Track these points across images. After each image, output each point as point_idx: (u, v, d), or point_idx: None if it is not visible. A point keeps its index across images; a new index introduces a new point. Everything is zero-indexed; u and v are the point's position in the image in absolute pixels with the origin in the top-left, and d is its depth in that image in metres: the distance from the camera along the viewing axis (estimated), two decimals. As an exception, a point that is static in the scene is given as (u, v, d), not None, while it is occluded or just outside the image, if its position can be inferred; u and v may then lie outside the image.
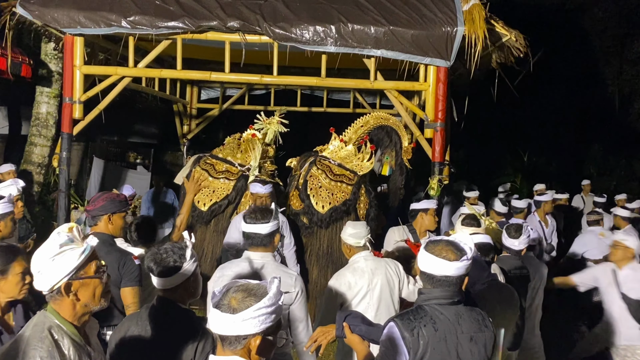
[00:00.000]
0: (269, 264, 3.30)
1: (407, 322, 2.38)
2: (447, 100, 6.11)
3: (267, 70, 6.12)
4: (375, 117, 6.68)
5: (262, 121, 6.32)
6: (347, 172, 6.01)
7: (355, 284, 3.75)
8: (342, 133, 6.44)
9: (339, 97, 9.97)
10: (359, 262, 3.85)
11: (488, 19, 5.74)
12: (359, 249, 3.90)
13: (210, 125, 10.22)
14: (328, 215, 5.74)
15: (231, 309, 1.88)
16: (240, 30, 5.66)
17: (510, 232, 4.43)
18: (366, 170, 6.16)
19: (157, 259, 2.64)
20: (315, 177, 5.91)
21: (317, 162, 6.03)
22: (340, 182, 5.89)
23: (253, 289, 1.94)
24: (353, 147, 6.29)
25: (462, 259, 2.41)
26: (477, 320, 2.47)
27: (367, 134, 6.58)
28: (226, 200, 5.73)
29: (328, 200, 5.77)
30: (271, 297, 1.90)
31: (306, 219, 5.88)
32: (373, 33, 5.61)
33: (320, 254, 5.83)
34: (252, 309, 1.86)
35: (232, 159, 6.00)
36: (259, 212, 3.34)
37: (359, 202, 5.93)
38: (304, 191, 5.87)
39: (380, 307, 3.63)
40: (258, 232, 3.29)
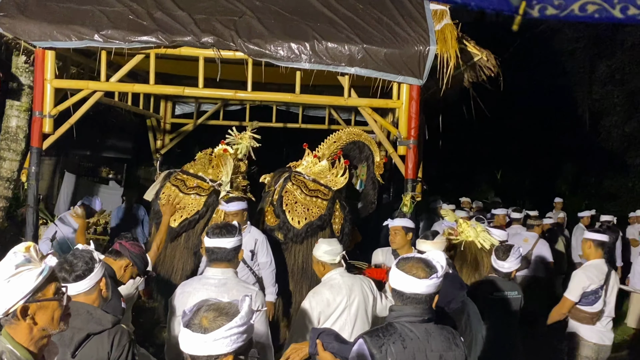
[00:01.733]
0: (230, 280, 3.27)
1: (376, 339, 2.37)
2: (420, 117, 6.16)
3: (242, 86, 6.12)
4: (347, 132, 6.72)
5: (234, 136, 6.30)
6: (321, 187, 6.01)
7: (334, 300, 3.73)
8: (315, 149, 6.45)
9: (314, 113, 10.01)
10: (335, 279, 3.83)
11: (460, 39, 5.83)
12: (333, 266, 3.89)
13: (185, 140, 10.17)
14: (304, 230, 5.72)
15: (202, 328, 1.86)
16: (214, 46, 5.66)
17: (499, 254, 4.30)
18: (340, 185, 6.17)
19: (66, 268, 2.66)
20: (291, 192, 5.89)
21: (292, 177, 6.02)
22: (316, 197, 5.88)
23: (224, 308, 1.93)
24: (327, 162, 6.29)
25: (431, 277, 2.41)
26: (447, 338, 2.47)
27: (340, 149, 6.60)
28: (197, 216, 5.67)
29: (304, 216, 5.75)
30: (242, 317, 1.89)
31: (281, 235, 5.85)
32: (347, 51, 5.65)
33: (295, 270, 5.79)
34: (224, 329, 1.84)
35: (204, 174, 5.95)
36: (223, 227, 3.33)
37: (334, 217, 5.92)
38: (279, 207, 5.84)
39: (357, 323, 3.63)
40: (221, 246, 3.26)
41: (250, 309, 1.93)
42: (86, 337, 2.56)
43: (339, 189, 6.14)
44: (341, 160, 6.35)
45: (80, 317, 2.60)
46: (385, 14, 5.88)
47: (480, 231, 4.50)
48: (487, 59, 5.94)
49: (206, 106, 9.79)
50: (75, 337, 2.55)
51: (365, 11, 5.93)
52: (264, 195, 6.21)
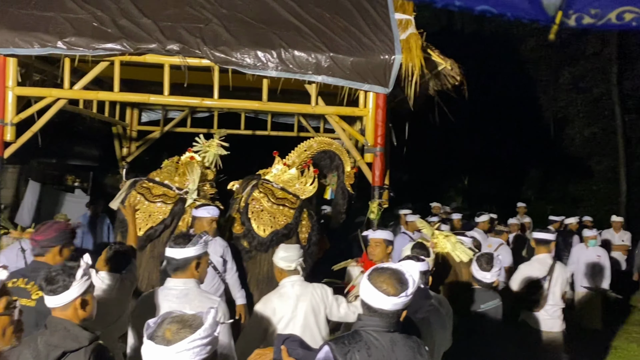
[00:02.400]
0: (191, 291, 3.25)
1: (341, 346, 2.38)
2: (387, 125, 6.22)
3: (209, 92, 6.09)
4: (318, 141, 6.73)
5: (201, 144, 6.26)
6: (289, 195, 6.01)
7: (280, 309, 3.75)
8: (285, 156, 6.45)
9: (283, 120, 10.01)
10: (285, 287, 3.86)
11: (424, 48, 5.92)
12: (289, 273, 3.90)
13: (152, 147, 10.06)
14: (269, 239, 5.71)
15: (165, 340, 1.84)
16: (180, 53, 5.63)
17: (482, 264, 4.24)
18: (309, 194, 6.18)
19: (48, 278, 2.65)
20: (257, 200, 5.88)
21: (260, 185, 6.01)
22: (282, 205, 5.88)
23: (188, 320, 1.91)
24: (296, 170, 6.30)
25: (401, 295, 2.39)
26: (412, 348, 2.49)
27: (310, 158, 6.61)
28: (162, 224, 5.61)
29: (269, 224, 5.75)
30: (206, 329, 1.88)
31: (247, 243, 5.83)
32: (314, 59, 5.68)
33: (260, 279, 5.78)
34: (187, 341, 1.83)
35: (170, 182, 5.90)
36: (181, 237, 3.31)
37: (301, 226, 5.93)
38: (245, 214, 5.83)
39: (304, 334, 3.61)
40: (184, 257, 3.24)
41: (215, 321, 1.92)
42: (62, 355, 2.52)
43: (307, 198, 6.16)
44: (310, 169, 6.36)
45: (57, 333, 2.57)
46: (352, 23, 5.94)
47: (455, 242, 4.53)
48: (452, 67, 6.04)
49: (173, 113, 9.71)
50: (51, 355, 2.52)
51: (332, 20, 5.98)
52: (232, 203, 6.19)
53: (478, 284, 4.31)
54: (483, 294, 4.26)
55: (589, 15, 1.56)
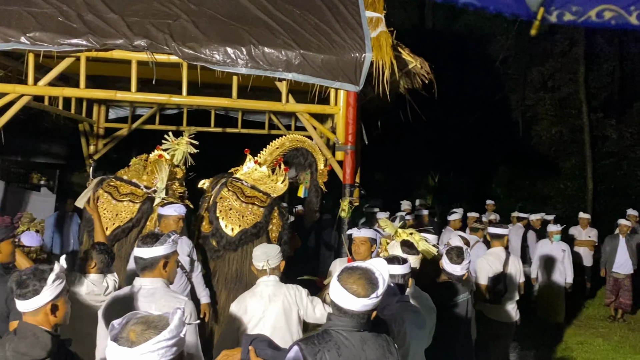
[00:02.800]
0: (158, 290, 3.21)
1: (311, 346, 2.36)
2: (358, 123, 6.22)
3: (178, 89, 5.99)
4: (291, 139, 6.69)
5: (170, 142, 6.18)
6: (259, 194, 5.96)
7: (251, 308, 3.73)
8: (257, 154, 6.40)
9: (254, 118, 9.94)
10: (259, 287, 3.85)
11: (395, 46, 5.92)
12: (266, 273, 3.87)
13: (120, 145, 9.89)
14: (237, 238, 5.65)
15: (129, 342, 1.81)
16: (147, 49, 5.54)
17: (452, 257, 4.31)
18: (280, 192, 6.14)
19: (18, 281, 2.58)
20: (226, 198, 5.82)
21: (229, 183, 5.95)
22: (252, 204, 5.82)
23: (153, 321, 1.88)
24: (267, 168, 6.25)
25: (371, 296, 2.37)
26: (382, 346, 2.48)
27: (282, 155, 6.57)
28: (130, 224, 5.52)
29: (238, 223, 5.69)
30: (172, 330, 1.84)
31: (215, 242, 5.77)
32: (284, 56, 5.64)
33: (228, 278, 5.72)
34: (151, 343, 1.80)
35: (138, 180, 5.81)
36: (148, 237, 3.27)
37: (271, 225, 5.88)
38: (213, 213, 5.76)
39: (273, 334, 3.59)
40: (153, 256, 3.19)
41: (181, 322, 1.89)
42: None
43: (278, 196, 6.12)
44: (281, 167, 6.32)
45: (26, 340, 2.51)
46: (322, 21, 5.92)
47: (419, 240, 4.55)
48: (421, 66, 6.06)
49: (141, 110, 9.56)
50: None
51: (303, 17, 5.94)
52: (202, 201, 6.13)
53: (449, 277, 4.37)
54: (455, 286, 4.32)
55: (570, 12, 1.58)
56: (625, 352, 8.07)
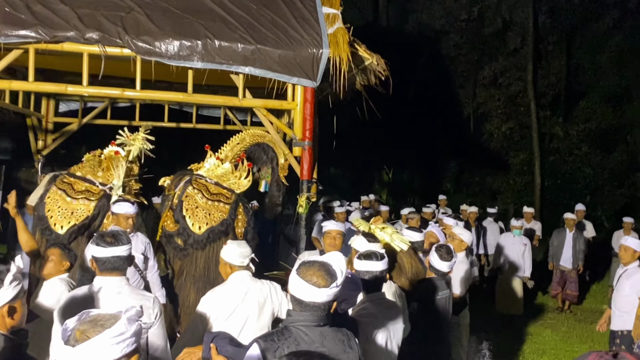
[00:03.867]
0: (124, 289, 3.14)
1: (270, 343, 2.35)
2: (315, 119, 6.23)
3: (132, 83, 5.85)
4: (251, 134, 6.64)
5: (125, 137, 6.04)
6: (224, 190, 5.89)
7: (224, 304, 3.68)
8: (217, 150, 6.33)
9: (209, 113, 9.82)
10: (234, 282, 3.79)
11: (352, 43, 5.95)
12: (240, 269, 3.83)
13: (70, 140, 9.61)
14: (205, 236, 5.58)
15: (74, 341, 1.75)
16: (99, 42, 5.40)
17: (443, 255, 4.37)
18: (244, 188, 6.09)
19: None
20: (191, 197, 5.73)
21: (193, 181, 5.86)
22: (218, 201, 5.75)
23: (102, 319, 1.82)
24: (230, 165, 6.19)
25: (331, 286, 2.39)
26: (341, 341, 2.49)
27: (243, 151, 6.51)
28: (87, 221, 5.38)
29: (205, 221, 5.62)
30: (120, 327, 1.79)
31: (181, 241, 5.67)
32: (240, 50, 5.59)
33: (196, 276, 5.64)
34: (92, 341, 1.74)
35: (93, 177, 5.66)
36: (111, 235, 3.18)
37: (237, 221, 5.84)
38: (179, 212, 5.66)
39: (244, 329, 3.57)
40: (117, 255, 3.12)
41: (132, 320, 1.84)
42: None
43: (242, 192, 6.07)
44: (244, 163, 6.27)
45: None
46: (279, 16, 5.89)
47: (392, 233, 4.57)
48: (377, 63, 6.11)
49: (93, 104, 9.30)
50: None
51: (259, 12, 5.90)
52: (163, 199, 6.02)
53: (435, 273, 4.43)
54: (438, 282, 4.39)
55: None
56: (572, 342, 8.36)
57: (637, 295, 5.61)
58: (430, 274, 4.47)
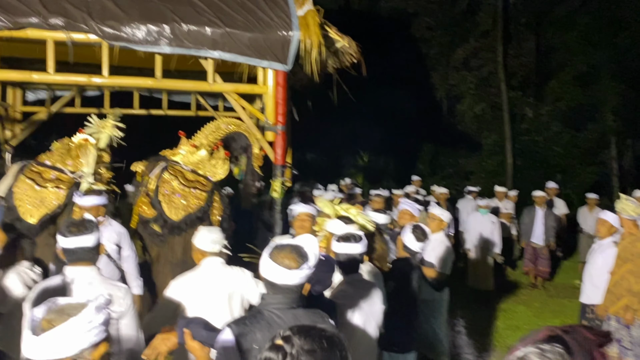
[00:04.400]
0: (95, 280, 3.10)
1: (242, 327, 2.36)
2: (287, 103, 6.19)
3: (99, 70, 5.74)
4: (226, 122, 6.59)
5: (94, 125, 5.94)
6: (201, 178, 5.86)
7: (194, 289, 3.67)
8: (191, 137, 6.26)
9: (180, 99, 9.69)
10: (204, 268, 3.78)
11: (322, 25, 5.91)
12: (211, 255, 3.82)
13: (40, 129, 9.40)
14: (182, 222, 5.56)
15: (40, 330, 1.74)
16: (64, 28, 5.28)
17: (419, 236, 4.42)
18: (220, 176, 6.06)
19: None
20: (168, 183, 5.68)
21: (170, 167, 5.80)
22: (195, 188, 5.73)
23: (69, 308, 1.81)
24: (206, 152, 6.14)
25: (302, 267, 2.40)
26: (315, 322, 2.50)
27: (220, 139, 6.45)
28: (58, 210, 5.30)
29: (182, 208, 5.59)
30: (87, 315, 1.77)
31: (158, 227, 5.63)
32: (209, 34, 5.52)
33: (174, 262, 5.62)
34: (58, 330, 1.73)
35: (62, 165, 5.56)
36: (78, 225, 3.13)
37: (213, 209, 5.82)
38: (155, 198, 5.62)
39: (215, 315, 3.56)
40: (80, 245, 3.07)
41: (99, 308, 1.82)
42: None
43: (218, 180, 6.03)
44: (221, 151, 6.22)
45: None
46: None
47: (357, 214, 4.59)
48: (349, 45, 6.08)
49: (61, 92, 9.11)
50: None
51: (227, -6, 5.82)
52: (137, 185, 5.95)
53: (408, 253, 4.47)
54: (412, 262, 4.45)
55: None
56: (545, 317, 8.53)
57: (608, 270, 5.72)
58: (403, 253, 4.52)
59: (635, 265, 5.39)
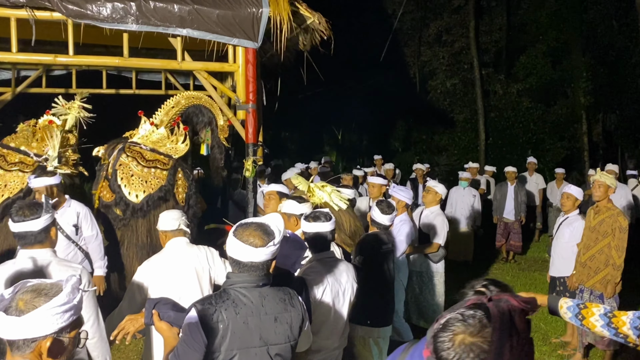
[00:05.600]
0: (51, 261, 3.06)
1: (207, 306, 2.35)
2: (258, 81, 6.13)
3: (65, 49, 5.60)
4: (186, 96, 6.49)
5: (60, 106, 5.81)
6: (161, 156, 5.77)
7: (161, 271, 3.65)
8: (152, 116, 6.17)
9: (149, 78, 9.54)
10: (169, 249, 3.76)
11: (292, 2, 5.84)
12: (175, 234, 3.80)
13: (4, 111, 9.19)
14: (143, 203, 5.48)
15: (18, 311, 1.74)
16: (27, 5, 5.13)
17: (384, 209, 4.48)
18: (182, 152, 5.97)
19: None
20: (126, 165, 5.58)
21: (127, 149, 5.70)
22: (154, 167, 5.63)
23: (45, 288, 1.81)
24: (165, 129, 6.05)
25: (268, 244, 2.40)
26: (282, 300, 2.50)
27: (179, 115, 6.37)
28: (21, 194, 5.18)
29: (142, 189, 5.50)
30: (63, 297, 1.78)
31: (119, 211, 5.55)
32: (177, 11, 5.42)
33: (139, 245, 5.55)
34: (40, 310, 1.74)
35: (27, 148, 5.44)
36: (27, 208, 3.07)
37: (177, 187, 5.74)
38: (114, 181, 5.52)
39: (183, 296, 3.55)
40: (30, 229, 3.03)
41: (75, 288, 1.82)
42: None
43: (181, 157, 5.95)
44: (180, 127, 6.13)
45: None
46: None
47: (332, 192, 4.60)
48: (319, 21, 6.03)
49: (27, 72, 8.89)
50: None
51: (195, -30, 5.70)
52: (98, 169, 5.85)
53: (377, 227, 4.52)
54: (381, 236, 4.47)
55: None
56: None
57: (577, 243, 5.81)
58: (373, 228, 4.56)
59: (617, 239, 5.41)
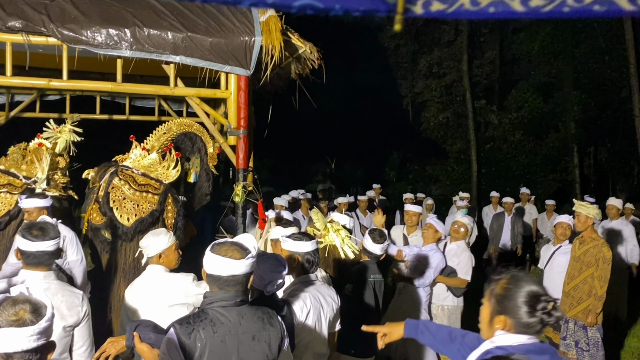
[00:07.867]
0: (53, 285, 3.06)
1: (185, 326, 2.36)
2: (249, 108, 6.20)
3: (60, 74, 5.66)
4: (178, 123, 6.54)
5: (52, 129, 5.85)
6: (152, 181, 5.78)
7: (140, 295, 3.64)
8: (143, 141, 6.21)
9: (142, 104, 9.61)
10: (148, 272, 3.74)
11: (284, 31, 5.94)
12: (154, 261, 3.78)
13: (-3, 135, 9.23)
14: (134, 227, 5.47)
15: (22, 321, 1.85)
16: (23, 30, 5.21)
17: (375, 238, 4.44)
18: (172, 178, 5.99)
19: None
20: (118, 188, 5.59)
21: (119, 172, 5.72)
22: (146, 192, 5.64)
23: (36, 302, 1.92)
24: (157, 155, 6.08)
25: (247, 257, 2.44)
26: (260, 319, 2.51)
27: (170, 141, 6.41)
28: (7, 217, 5.18)
29: (133, 212, 5.50)
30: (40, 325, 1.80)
31: (108, 234, 5.53)
32: (171, 39, 5.50)
33: (127, 269, 5.52)
34: None
35: (16, 170, 5.46)
36: (40, 228, 3.06)
37: (166, 212, 5.75)
38: (105, 204, 5.51)
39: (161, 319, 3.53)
40: (43, 249, 3.02)
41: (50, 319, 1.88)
42: None
43: (171, 183, 5.97)
44: (172, 153, 6.17)
45: None
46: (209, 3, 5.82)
47: (344, 237, 4.56)
48: (311, 51, 6.13)
49: (21, 97, 8.95)
50: None
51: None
52: (88, 192, 5.85)
53: (368, 257, 4.50)
54: (372, 266, 4.45)
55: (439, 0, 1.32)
56: None
57: (566, 274, 5.85)
58: (364, 257, 4.55)
59: (601, 270, 5.44)
